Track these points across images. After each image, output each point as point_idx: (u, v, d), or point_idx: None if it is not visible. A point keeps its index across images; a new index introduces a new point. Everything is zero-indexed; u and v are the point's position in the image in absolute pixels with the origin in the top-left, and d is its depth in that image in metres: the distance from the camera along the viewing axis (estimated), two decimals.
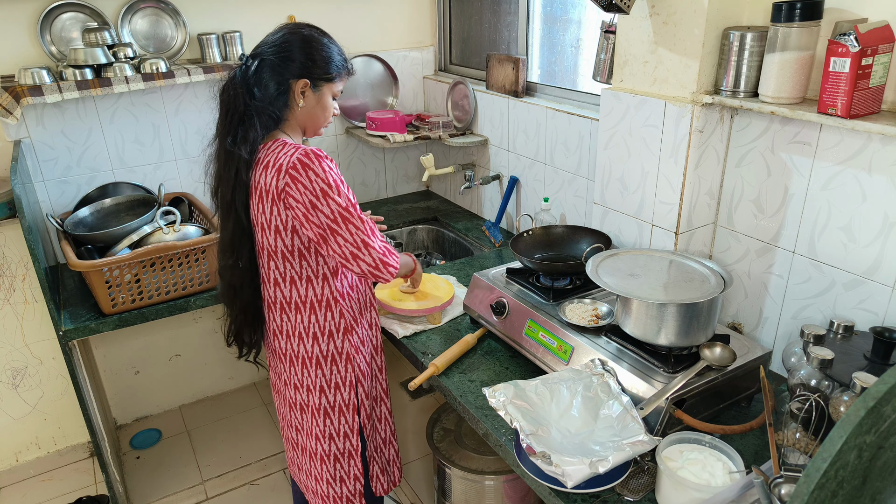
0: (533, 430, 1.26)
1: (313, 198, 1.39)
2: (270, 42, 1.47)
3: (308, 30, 1.49)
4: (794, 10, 1.32)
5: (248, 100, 1.44)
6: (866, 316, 1.42)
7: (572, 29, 2.29)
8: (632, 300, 1.40)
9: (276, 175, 1.41)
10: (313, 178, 1.39)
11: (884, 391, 0.66)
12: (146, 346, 2.79)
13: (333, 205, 1.40)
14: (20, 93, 2.04)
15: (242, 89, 1.44)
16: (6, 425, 2.59)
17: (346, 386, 1.62)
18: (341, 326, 1.58)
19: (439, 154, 2.95)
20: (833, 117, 1.29)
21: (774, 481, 1.13)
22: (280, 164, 1.40)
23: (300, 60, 1.46)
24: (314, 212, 1.40)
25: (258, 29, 2.56)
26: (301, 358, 1.59)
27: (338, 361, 1.60)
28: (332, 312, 1.56)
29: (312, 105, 1.51)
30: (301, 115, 1.51)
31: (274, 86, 1.45)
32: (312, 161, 1.39)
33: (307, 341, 1.57)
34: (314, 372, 1.60)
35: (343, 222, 1.42)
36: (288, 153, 1.41)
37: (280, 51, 1.45)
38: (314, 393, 1.61)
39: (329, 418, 1.63)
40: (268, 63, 1.45)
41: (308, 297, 1.54)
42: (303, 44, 1.46)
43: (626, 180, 1.79)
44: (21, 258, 2.39)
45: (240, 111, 1.44)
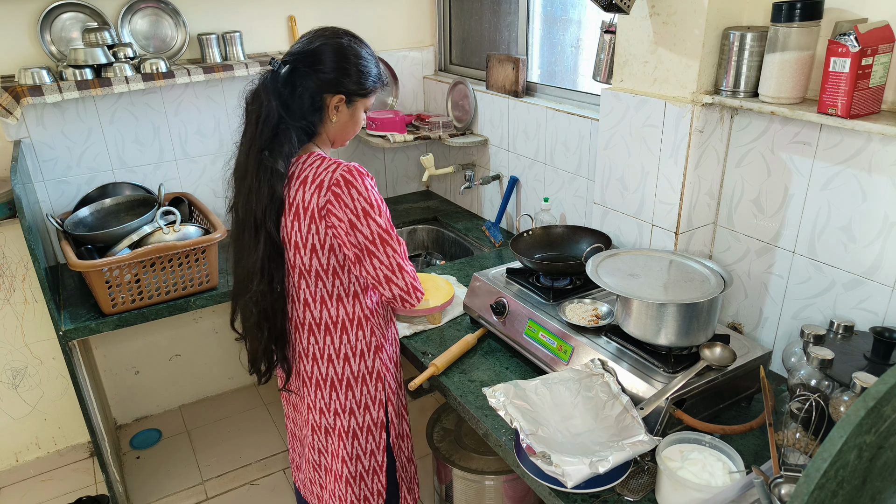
0: (533, 431, 1.26)
1: (354, 217, 1.34)
2: (306, 51, 1.38)
3: (346, 39, 1.40)
4: (795, 10, 1.32)
5: (282, 111, 1.36)
6: (866, 316, 1.42)
7: (572, 29, 2.29)
8: (632, 300, 1.40)
9: (318, 191, 1.34)
10: (356, 196, 1.34)
11: (884, 391, 0.66)
12: (146, 346, 2.79)
13: (374, 225, 1.36)
14: (20, 93, 2.04)
15: (276, 99, 1.35)
16: (6, 425, 2.59)
17: (375, 405, 1.56)
18: (372, 345, 1.52)
19: (439, 154, 2.95)
20: (833, 117, 1.29)
21: (774, 481, 1.13)
22: (322, 181, 1.34)
23: (336, 75, 1.38)
24: (353, 231, 1.35)
25: (258, 29, 2.56)
26: (330, 380, 1.52)
27: (368, 381, 1.54)
28: (364, 331, 1.51)
29: (345, 120, 1.45)
30: (333, 129, 1.45)
31: (308, 99, 1.38)
32: (356, 178, 1.34)
33: (337, 363, 1.51)
34: (344, 394, 1.53)
35: (381, 244, 1.37)
36: (330, 168, 1.35)
37: (316, 62, 1.37)
38: (343, 416, 1.54)
39: (357, 439, 1.57)
40: (301, 74, 1.36)
41: (339, 316, 1.48)
42: (340, 56, 1.38)
43: (626, 180, 1.79)
44: (21, 258, 2.39)
45: (273, 122, 1.36)
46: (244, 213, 1.42)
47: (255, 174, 1.37)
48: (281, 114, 1.36)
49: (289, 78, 1.36)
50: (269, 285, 1.43)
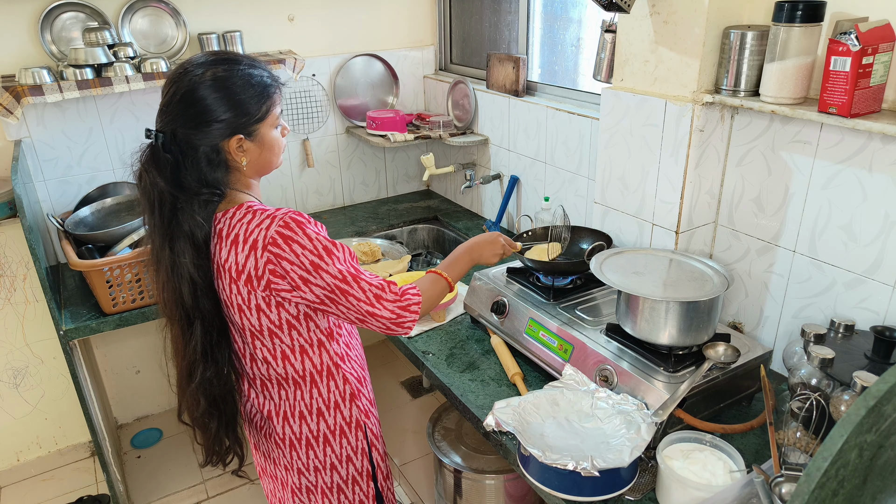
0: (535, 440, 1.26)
1: (304, 273, 1.19)
2: (174, 107, 1.18)
3: (210, 68, 1.19)
4: (796, 11, 1.32)
5: (174, 190, 1.18)
6: (867, 315, 1.42)
7: (573, 28, 2.29)
8: (635, 298, 1.40)
9: (252, 253, 1.19)
10: (299, 251, 1.18)
11: (884, 390, 0.66)
12: (147, 345, 2.79)
13: (328, 277, 1.21)
14: (21, 92, 2.04)
15: (162, 176, 1.18)
16: (7, 425, 2.59)
17: (358, 455, 1.43)
18: (347, 393, 1.38)
19: (440, 153, 2.95)
20: (834, 116, 1.29)
21: (775, 480, 1.13)
22: (255, 241, 1.18)
23: (219, 118, 1.18)
24: (306, 287, 1.21)
25: (258, 28, 2.56)
26: (305, 439, 1.38)
27: (348, 433, 1.40)
28: (335, 380, 1.36)
29: (257, 154, 1.26)
30: (249, 169, 1.27)
31: (203, 159, 1.20)
32: (295, 232, 1.18)
33: (310, 419, 1.36)
34: (322, 451, 1.39)
35: (342, 294, 1.23)
36: (263, 225, 1.18)
37: (191, 117, 1.17)
38: (324, 472, 1.41)
39: (343, 493, 1.44)
40: (183, 137, 1.18)
41: (306, 369, 1.33)
42: (213, 95, 1.17)
43: (627, 179, 1.79)
44: (22, 258, 2.39)
45: (168, 203, 1.19)
46: (169, 303, 1.27)
47: (169, 265, 1.23)
48: (174, 193, 1.19)
49: (168, 148, 1.19)
50: (216, 371, 1.30)
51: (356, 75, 2.81)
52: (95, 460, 2.70)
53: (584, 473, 1.18)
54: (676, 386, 1.33)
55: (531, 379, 1.61)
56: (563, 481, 1.22)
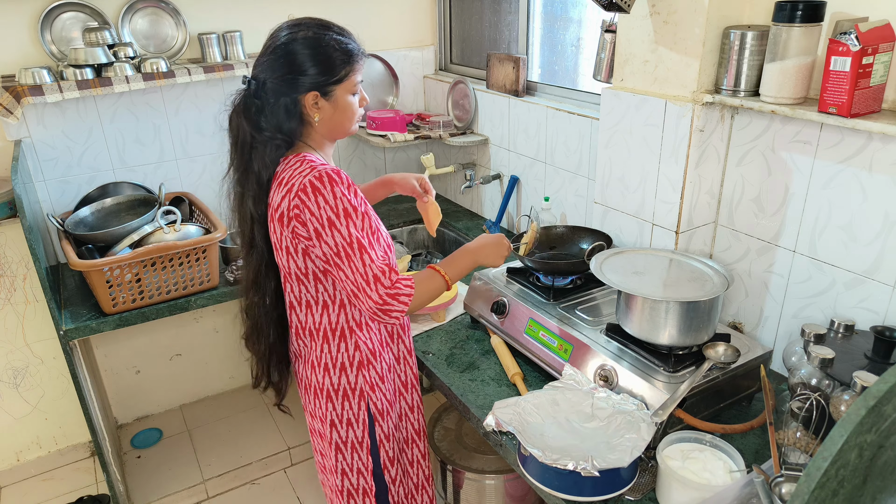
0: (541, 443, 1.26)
1: (319, 226, 1.28)
2: (267, 58, 1.34)
3: (305, 30, 1.34)
4: (797, 11, 1.32)
5: (253, 131, 1.34)
6: (867, 315, 1.42)
7: (573, 28, 2.29)
8: (636, 298, 1.40)
9: (287, 195, 1.30)
10: (322, 204, 1.27)
11: (884, 390, 0.66)
12: (147, 345, 2.79)
13: (338, 237, 1.28)
14: (21, 92, 2.04)
15: (247, 119, 1.34)
16: (7, 425, 2.59)
17: (358, 423, 1.49)
18: (356, 360, 1.45)
19: (440, 153, 2.95)
20: (834, 116, 1.29)
21: (775, 480, 1.13)
22: (292, 185, 1.30)
23: (301, 73, 1.32)
24: (318, 241, 1.30)
25: (258, 28, 2.55)
26: (314, 387, 1.49)
27: (350, 397, 1.47)
28: (347, 343, 1.44)
29: (330, 114, 1.38)
30: (321, 125, 1.38)
31: (282, 109, 1.33)
32: (325, 185, 1.27)
33: (318, 371, 1.46)
34: (325, 404, 1.48)
35: (345, 258, 1.28)
36: (303, 173, 1.29)
37: (278, 68, 1.32)
38: (325, 425, 1.50)
39: (341, 453, 1.52)
40: (270, 86, 1.32)
41: (322, 324, 1.43)
42: (302, 51, 1.32)
43: (627, 179, 1.79)
44: (22, 258, 2.39)
45: (248, 143, 1.35)
46: (239, 232, 1.46)
47: (238, 195, 1.41)
48: (253, 134, 1.34)
49: (258, 93, 1.34)
50: (261, 298, 1.47)
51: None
52: (95, 460, 2.70)
53: (584, 473, 1.18)
54: (676, 386, 1.33)
55: (531, 379, 1.61)
56: (563, 481, 1.22)
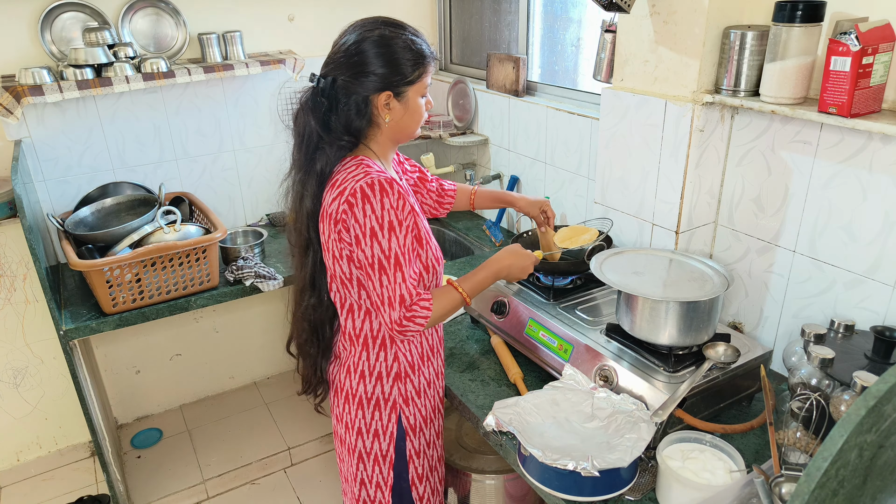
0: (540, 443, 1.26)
1: (360, 234, 1.26)
2: (340, 55, 1.31)
3: (379, 28, 1.31)
4: (797, 11, 1.32)
5: (321, 130, 1.31)
6: (867, 315, 1.42)
7: (573, 28, 2.29)
8: (636, 298, 1.40)
9: (338, 198, 1.27)
10: (368, 212, 1.24)
11: (884, 390, 0.66)
12: (147, 345, 2.79)
13: (377, 248, 1.25)
14: (21, 92, 2.04)
15: (315, 118, 1.31)
16: (7, 425, 2.59)
17: (385, 436, 1.46)
18: (393, 370, 1.42)
19: (440, 153, 2.95)
20: (834, 116, 1.29)
21: (775, 480, 1.13)
22: (344, 188, 1.27)
23: (376, 71, 1.29)
24: (357, 248, 1.28)
25: (258, 29, 2.56)
26: (345, 392, 1.46)
27: (381, 408, 1.44)
28: (386, 353, 1.41)
29: (400, 115, 1.35)
30: (391, 127, 1.35)
31: (353, 107, 1.31)
32: (375, 194, 1.24)
33: (353, 377, 1.43)
34: (355, 411, 1.45)
35: (378, 271, 1.27)
36: (356, 177, 1.26)
37: (352, 66, 1.29)
38: (351, 432, 1.47)
39: (363, 463, 1.48)
40: (341, 83, 1.30)
41: (363, 330, 1.40)
42: (375, 50, 1.29)
43: (627, 179, 1.79)
44: (22, 258, 2.39)
45: (313, 142, 1.32)
46: (293, 232, 1.42)
47: (299, 193, 1.37)
48: (320, 133, 1.31)
49: (328, 92, 1.31)
50: (318, 298, 1.43)
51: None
52: (95, 460, 2.70)
53: (584, 473, 1.18)
54: (676, 386, 1.33)
55: (531, 379, 1.61)
56: (563, 481, 1.22)
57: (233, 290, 2.18)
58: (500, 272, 1.47)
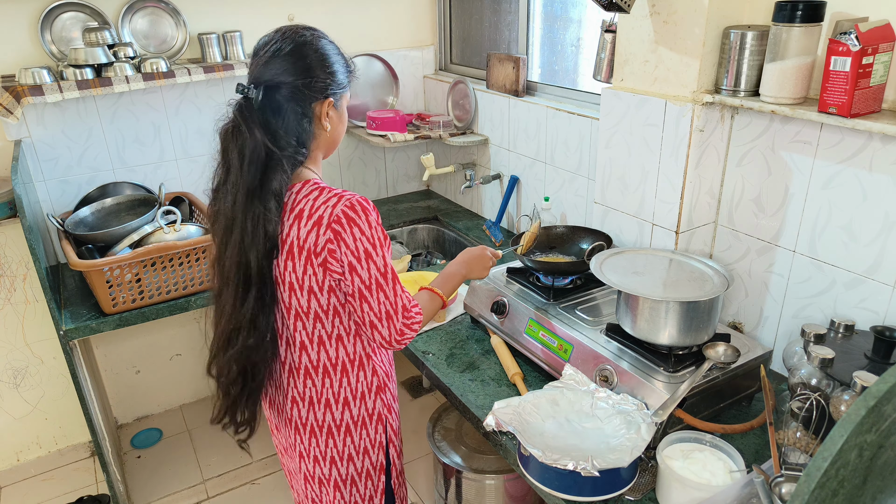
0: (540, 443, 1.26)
1: (354, 259, 1.20)
2: (282, 58, 1.21)
3: (311, 34, 1.25)
4: (797, 11, 1.32)
5: (269, 143, 1.19)
6: (867, 315, 1.42)
7: (573, 28, 2.29)
8: (636, 297, 1.40)
9: (315, 229, 1.19)
10: (358, 235, 1.19)
11: (884, 390, 0.66)
12: (147, 345, 2.79)
13: (373, 268, 1.21)
14: (21, 92, 2.04)
15: (258, 130, 1.19)
16: (7, 425, 2.59)
17: (375, 448, 1.43)
18: (374, 385, 1.39)
19: (440, 153, 2.95)
20: (834, 116, 1.29)
21: (775, 480, 1.13)
22: (320, 217, 1.19)
23: (320, 77, 1.22)
24: (351, 274, 1.21)
25: (258, 29, 2.55)
26: (327, 427, 1.37)
27: (368, 425, 1.40)
28: (365, 371, 1.37)
29: (337, 123, 1.30)
30: (325, 138, 1.29)
31: (299, 117, 1.22)
32: (359, 215, 1.19)
33: (336, 408, 1.36)
34: (342, 440, 1.39)
35: (376, 289, 1.23)
36: (329, 203, 1.19)
37: (298, 69, 1.21)
38: (340, 463, 1.41)
39: (355, 486, 1.44)
40: (284, 90, 1.21)
41: (339, 357, 1.33)
42: (317, 54, 1.22)
43: (627, 179, 1.79)
44: (22, 258, 2.39)
45: (261, 159, 1.19)
46: (231, 265, 1.24)
47: (245, 221, 1.20)
48: (269, 146, 1.19)
49: (268, 101, 1.20)
50: (257, 338, 1.28)
51: (356, 75, 2.81)
52: (95, 460, 2.70)
53: (584, 473, 1.18)
54: (676, 386, 1.33)
55: (531, 379, 1.61)
56: (563, 481, 1.22)
57: None
58: (466, 274, 1.56)
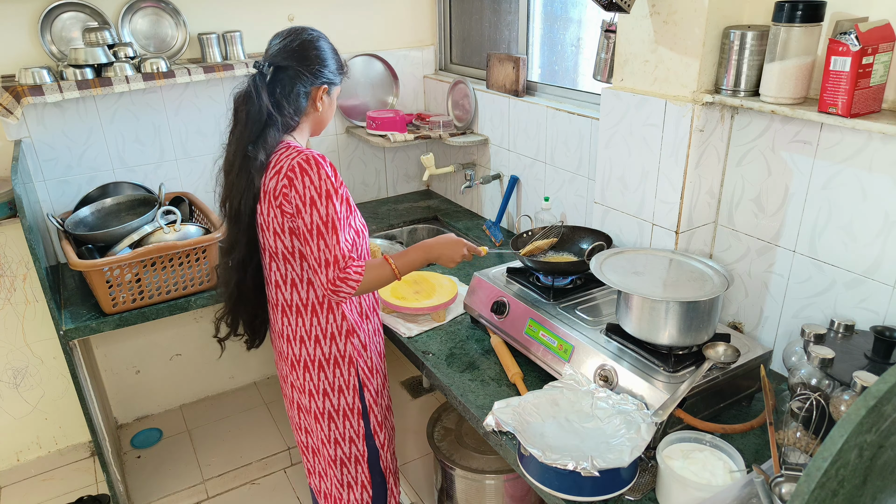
0: (539, 443, 1.26)
1: (301, 203, 1.39)
2: (288, 48, 1.46)
3: (315, 34, 1.51)
4: (797, 11, 1.32)
5: (272, 109, 1.44)
6: (867, 315, 1.42)
7: (573, 28, 2.29)
8: (635, 298, 1.40)
9: (276, 177, 1.42)
10: (307, 183, 1.39)
11: (884, 390, 0.66)
12: (147, 345, 2.79)
13: (315, 215, 1.39)
14: (21, 92, 2.04)
15: (267, 99, 1.44)
16: (7, 425, 2.59)
17: (349, 389, 1.61)
18: (343, 329, 1.57)
19: (440, 153, 2.95)
20: (834, 116, 1.29)
21: (775, 480, 1.13)
22: (281, 167, 1.41)
23: (321, 66, 1.48)
24: (297, 217, 1.41)
25: (258, 29, 2.56)
26: (303, 361, 1.58)
27: (340, 364, 1.58)
28: (334, 315, 1.55)
29: (326, 108, 1.55)
30: (316, 118, 1.54)
31: (301, 95, 1.47)
32: (311, 167, 1.39)
33: (309, 344, 1.56)
34: (316, 375, 1.59)
35: (317, 236, 1.40)
36: (290, 156, 1.42)
37: (303, 59, 1.46)
38: (317, 397, 1.60)
39: (334, 422, 1.62)
40: (292, 72, 1.46)
41: (309, 299, 1.53)
42: (319, 48, 1.49)
43: (627, 179, 1.79)
44: (22, 258, 2.39)
45: (262, 119, 1.44)
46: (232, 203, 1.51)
47: (240, 167, 1.47)
48: (270, 111, 1.44)
49: (277, 77, 1.46)
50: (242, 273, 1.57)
51: (356, 75, 2.81)
52: (95, 460, 2.70)
53: (584, 473, 1.18)
54: (676, 386, 1.33)
55: (531, 379, 1.61)
56: (563, 481, 1.22)
57: None
58: (430, 255, 1.62)
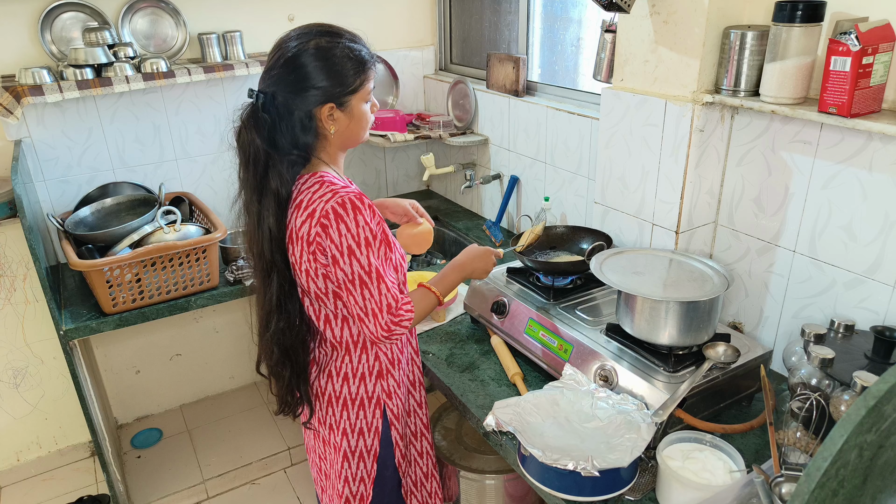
0: (540, 443, 1.26)
1: (338, 253, 1.27)
2: (277, 71, 1.28)
3: (315, 39, 1.29)
4: (797, 11, 1.32)
5: (268, 148, 1.29)
6: (867, 315, 1.42)
7: (573, 28, 2.29)
8: (636, 297, 1.40)
9: (308, 221, 1.28)
10: (344, 231, 1.26)
11: (884, 390, 0.66)
12: (147, 345, 2.79)
13: (356, 265, 1.27)
14: (21, 92, 2.04)
15: (259, 135, 1.28)
16: (7, 425, 2.59)
17: (370, 432, 1.49)
18: (375, 370, 1.46)
19: (440, 153, 2.95)
20: (834, 116, 1.29)
21: (775, 480, 1.13)
22: (313, 210, 1.27)
23: (316, 85, 1.27)
24: (335, 267, 1.29)
25: (258, 29, 2.56)
26: (328, 396, 1.48)
27: (366, 406, 1.47)
28: (368, 354, 1.44)
29: (346, 125, 1.34)
30: (337, 137, 1.35)
31: (297, 123, 1.29)
32: (347, 213, 1.26)
33: (336, 380, 1.46)
34: (339, 412, 1.47)
35: (360, 286, 1.29)
36: (324, 197, 1.27)
37: (291, 82, 1.27)
38: (336, 433, 1.50)
39: (348, 461, 1.51)
40: (281, 100, 1.28)
41: (343, 336, 1.42)
42: (314, 63, 1.27)
43: (627, 179, 1.79)
44: (22, 258, 2.39)
45: (262, 162, 1.30)
46: (255, 256, 1.38)
47: (251, 216, 1.35)
48: (268, 151, 1.29)
49: (268, 108, 1.28)
50: (287, 321, 1.39)
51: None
52: (95, 460, 2.70)
53: (584, 473, 1.18)
54: (676, 386, 1.33)
55: (531, 379, 1.61)
56: (563, 481, 1.22)
57: (233, 290, 2.18)
58: (465, 272, 1.57)
